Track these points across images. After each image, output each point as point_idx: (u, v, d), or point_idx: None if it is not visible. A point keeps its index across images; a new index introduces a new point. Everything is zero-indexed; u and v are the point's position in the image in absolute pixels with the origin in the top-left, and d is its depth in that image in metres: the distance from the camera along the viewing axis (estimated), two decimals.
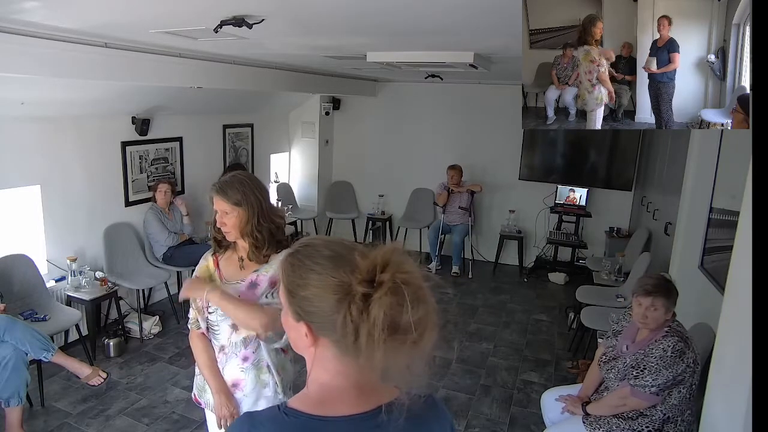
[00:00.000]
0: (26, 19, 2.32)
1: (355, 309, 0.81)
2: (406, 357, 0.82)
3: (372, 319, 0.79)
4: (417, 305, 0.81)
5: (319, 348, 0.88)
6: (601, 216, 6.19)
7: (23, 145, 3.78)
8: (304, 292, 0.86)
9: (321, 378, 0.90)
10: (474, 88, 6.41)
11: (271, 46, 3.27)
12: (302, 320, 0.87)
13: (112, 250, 4.44)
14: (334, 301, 0.83)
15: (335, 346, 0.86)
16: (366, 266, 0.83)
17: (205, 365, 1.95)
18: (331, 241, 0.91)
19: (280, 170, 6.98)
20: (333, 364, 0.88)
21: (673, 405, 2.25)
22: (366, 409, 0.88)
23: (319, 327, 0.86)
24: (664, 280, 2.39)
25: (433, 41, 2.96)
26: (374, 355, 0.80)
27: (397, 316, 0.80)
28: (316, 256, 0.87)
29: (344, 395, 0.89)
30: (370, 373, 0.85)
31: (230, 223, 1.81)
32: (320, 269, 0.85)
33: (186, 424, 3.25)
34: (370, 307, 0.80)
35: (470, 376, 3.96)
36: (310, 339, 0.87)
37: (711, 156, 3.15)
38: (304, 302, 0.86)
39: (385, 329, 0.79)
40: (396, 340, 0.80)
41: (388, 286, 0.80)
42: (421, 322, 0.82)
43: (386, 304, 0.79)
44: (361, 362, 0.82)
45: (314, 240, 0.92)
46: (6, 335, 2.98)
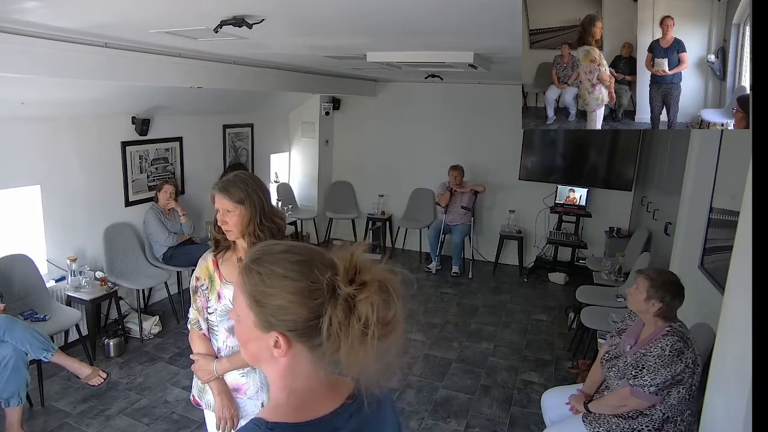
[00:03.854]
0: (26, 19, 2.32)
1: (340, 311, 0.81)
2: (384, 351, 0.83)
3: (364, 318, 0.80)
4: (398, 300, 0.84)
5: (291, 356, 0.86)
6: (601, 216, 6.19)
7: (23, 145, 3.78)
8: (277, 300, 0.83)
9: (292, 385, 0.89)
10: (474, 88, 6.41)
11: (271, 46, 3.27)
12: (273, 330, 0.85)
13: (112, 250, 4.44)
14: (314, 306, 0.82)
15: (310, 352, 0.86)
16: (346, 267, 0.83)
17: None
18: (293, 246, 0.89)
19: (280, 170, 6.98)
20: (306, 369, 0.88)
21: (673, 405, 2.25)
22: (338, 404, 0.91)
23: (297, 334, 0.84)
24: (665, 273, 2.42)
25: (433, 41, 2.96)
26: (359, 353, 0.81)
27: (385, 313, 0.82)
28: (284, 262, 0.85)
29: (318, 396, 0.90)
30: (346, 371, 0.85)
31: (232, 221, 1.80)
32: (294, 275, 0.83)
33: (186, 424, 3.25)
34: (356, 307, 0.81)
35: (470, 376, 3.96)
36: (284, 348, 0.85)
37: (711, 156, 3.15)
38: (278, 311, 0.83)
39: (378, 326, 0.80)
40: (383, 336, 0.82)
41: (376, 285, 0.82)
42: (397, 317, 0.84)
43: (375, 302, 0.81)
44: (344, 361, 0.82)
45: (275, 246, 0.89)
46: (6, 335, 2.98)
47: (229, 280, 1.88)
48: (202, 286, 1.92)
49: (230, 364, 1.88)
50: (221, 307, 1.88)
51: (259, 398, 1.94)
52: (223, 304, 1.87)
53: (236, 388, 1.93)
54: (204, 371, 1.92)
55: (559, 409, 2.70)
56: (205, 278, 1.92)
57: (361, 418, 0.92)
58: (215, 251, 1.93)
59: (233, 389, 1.93)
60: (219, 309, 1.89)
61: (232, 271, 1.89)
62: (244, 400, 1.94)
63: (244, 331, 0.89)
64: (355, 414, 0.92)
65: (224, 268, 1.91)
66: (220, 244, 1.92)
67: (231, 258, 1.91)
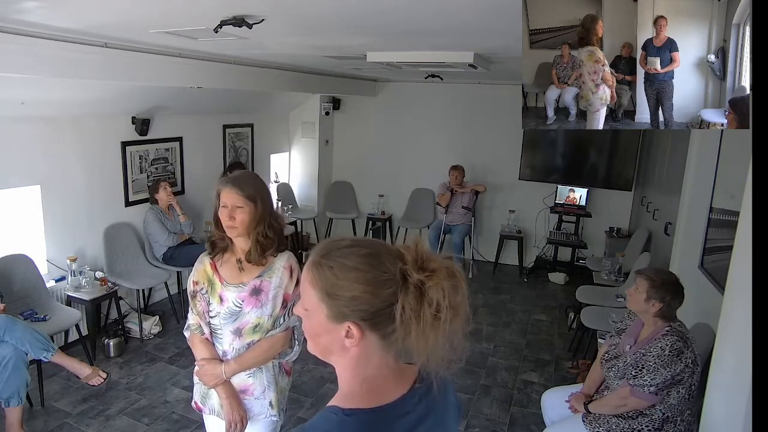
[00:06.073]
0: (26, 19, 2.32)
1: (412, 298, 0.85)
2: (451, 335, 0.88)
3: (435, 303, 0.85)
4: (465, 284, 0.89)
5: (363, 345, 0.90)
6: (601, 216, 6.19)
7: (23, 145, 3.78)
8: (349, 293, 0.87)
9: (364, 373, 0.93)
10: (474, 88, 6.41)
11: (271, 46, 3.27)
12: (347, 320, 0.88)
13: (112, 250, 4.44)
14: (387, 295, 0.86)
15: (381, 339, 0.90)
16: (413, 257, 0.88)
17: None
18: (359, 240, 0.94)
19: (280, 170, 6.98)
20: (377, 357, 0.92)
21: (672, 405, 2.25)
22: (406, 389, 0.95)
23: (369, 324, 0.88)
24: (665, 273, 2.43)
25: (433, 41, 2.96)
26: (428, 338, 0.85)
27: (454, 298, 0.87)
28: (353, 256, 0.89)
29: (388, 383, 0.94)
30: (416, 357, 0.89)
31: (239, 218, 1.75)
32: (365, 267, 0.88)
33: (186, 424, 3.24)
34: (428, 293, 0.85)
35: (470, 376, 3.96)
36: (357, 337, 0.88)
37: (711, 156, 3.14)
38: (351, 302, 0.87)
39: (449, 310, 0.85)
40: (452, 319, 0.87)
41: (444, 271, 0.87)
42: (464, 301, 0.90)
43: (445, 287, 0.86)
44: (414, 346, 0.87)
45: (341, 241, 0.93)
46: (6, 335, 2.98)
47: (229, 282, 1.85)
48: (201, 290, 1.89)
49: (238, 365, 1.86)
50: (225, 310, 1.85)
51: (266, 397, 1.92)
52: (227, 307, 1.85)
53: (243, 390, 1.91)
54: (211, 376, 1.88)
55: (559, 409, 2.70)
56: (204, 282, 1.88)
57: (429, 401, 0.97)
58: (211, 254, 1.89)
59: (240, 391, 1.91)
60: (222, 312, 1.86)
61: (232, 273, 1.85)
62: (251, 401, 1.92)
63: (315, 324, 0.92)
64: (424, 398, 0.96)
65: (224, 271, 1.87)
66: (216, 246, 1.87)
67: (230, 260, 1.87)
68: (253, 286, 1.82)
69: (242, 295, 1.82)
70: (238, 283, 1.83)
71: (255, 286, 1.82)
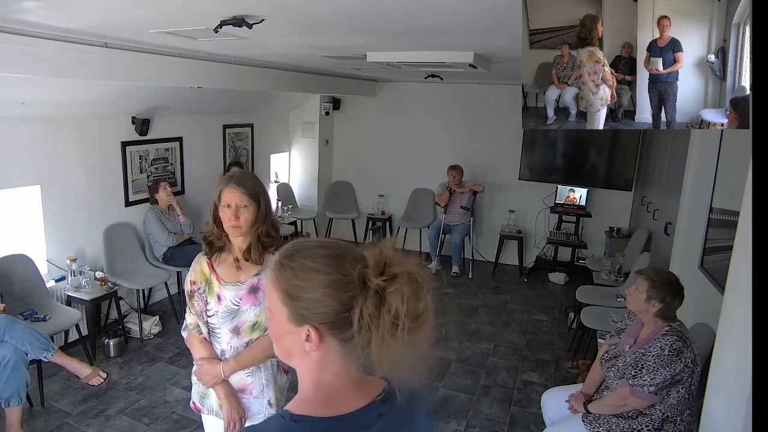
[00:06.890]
0: (26, 19, 2.32)
1: (371, 303, 0.82)
2: (415, 345, 0.84)
3: (394, 310, 0.81)
4: (427, 293, 0.85)
5: (322, 350, 0.87)
6: (601, 216, 6.19)
7: (23, 145, 3.78)
8: (309, 294, 0.85)
9: (322, 379, 0.90)
10: (474, 88, 6.41)
11: (271, 46, 3.27)
12: (306, 323, 0.86)
13: (112, 250, 4.43)
14: (346, 299, 0.83)
15: (341, 345, 0.87)
16: (375, 260, 0.85)
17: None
18: (325, 242, 0.92)
19: (280, 170, 6.98)
20: (336, 364, 0.89)
21: (672, 405, 2.25)
22: (366, 402, 0.91)
23: (328, 327, 0.86)
24: (665, 273, 2.43)
25: (433, 41, 2.96)
26: (389, 346, 0.82)
27: (415, 305, 0.83)
28: (316, 257, 0.87)
29: (346, 393, 0.90)
30: (378, 366, 0.85)
31: (244, 217, 1.76)
32: (326, 269, 0.85)
33: (186, 424, 3.24)
34: (387, 298, 0.82)
35: (470, 376, 3.96)
36: (315, 341, 0.86)
37: (711, 156, 3.15)
38: (310, 304, 0.85)
39: (408, 318, 0.82)
40: (413, 329, 0.83)
41: (405, 277, 0.83)
42: (427, 309, 0.85)
43: (405, 294, 0.82)
44: (375, 355, 0.83)
45: (306, 242, 0.91)
46: (6, 335, 2.98)
47: (227, 281, 1.86)
48: (199, 289, 1.90)
49: (237, 364, 1.87)
50: (223, 309, 1.86)
51: (265, 396, 1.93)
52: (225, 305, 1.85)
53: (242, 389, 1.92)
54: (210, 375, 1.89)
55: (559, 409, 2.70)
56: (201, 281, 1.89)
57: (390, 418, 0.92)
58: (208, 253, 1.89)
59: (239, 390, 1.92)
60: (220, 311, 1.86)
61: (229, 272, 1.86)
62: (249, 400, 1.93)
63: (277, 326, 0.90)
64: (385, 415, 0.91)
65: (221, 270, 1.88)
66: (213, 246, 1.87)
67: (227, 259, 1.88)
68: (251, 285, 1.83)
69: (240, 294, 1.83)
70: (236, 282, 1.84)
71: (253, 284, 1.83)
